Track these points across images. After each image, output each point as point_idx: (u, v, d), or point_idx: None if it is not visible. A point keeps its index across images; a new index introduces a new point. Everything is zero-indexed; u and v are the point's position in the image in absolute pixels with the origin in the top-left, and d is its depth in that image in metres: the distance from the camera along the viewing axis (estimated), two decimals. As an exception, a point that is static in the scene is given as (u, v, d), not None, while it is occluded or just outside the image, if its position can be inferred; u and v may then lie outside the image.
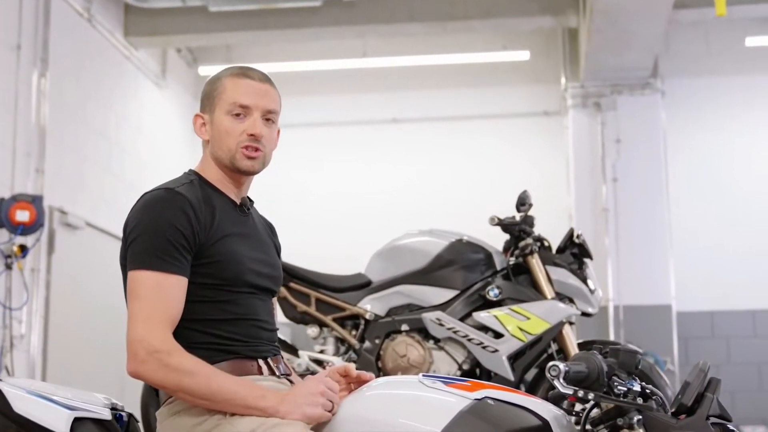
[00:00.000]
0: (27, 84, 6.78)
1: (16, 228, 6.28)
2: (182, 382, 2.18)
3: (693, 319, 8.67)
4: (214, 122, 2.46)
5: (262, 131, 2.44)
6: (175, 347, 2.20)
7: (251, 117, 2.44)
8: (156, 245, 2.26)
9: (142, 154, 8.61)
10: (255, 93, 2.45)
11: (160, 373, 2.19)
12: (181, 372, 2.18)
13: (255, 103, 2.44)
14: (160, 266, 2.25)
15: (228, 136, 2.43)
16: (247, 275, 2.39)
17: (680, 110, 9.04)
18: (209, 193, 2.43)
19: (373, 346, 4.53)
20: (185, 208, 2.31)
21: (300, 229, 8.99)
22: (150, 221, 2.30)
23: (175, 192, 2.35)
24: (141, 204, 2.35)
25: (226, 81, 2.47)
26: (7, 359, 6.26)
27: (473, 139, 9.67)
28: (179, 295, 2.27)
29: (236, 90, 2.44)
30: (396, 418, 2.28)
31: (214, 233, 2.35)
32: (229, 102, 2.43)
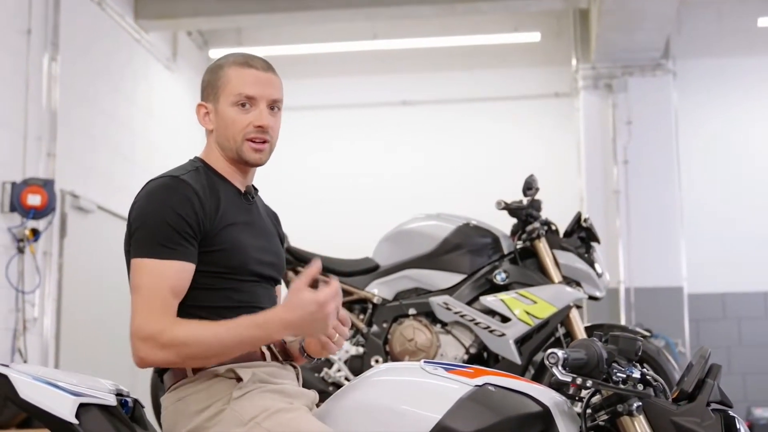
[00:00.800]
0: (38, 68, 6.80)
1: (28, 212, 6.31)
2: (183, 353, 2.21)
3: (704, 301, 8.67)
4: (219, 112, 2.45)
5: (269, 122, 2.44)
6: (166, 325, 2.21)
7: (257, 108, 2.43)
8: (159, 233, 2.27)
9: (152, 137, 8.63)
10: (260, 83, 2.44)
11: (161, 354, 2.22)
12: (177, 345, 2.20)
13: (261, 94, 2.43)
14: (162, 254, 2.26)
15: (234, 127, 2.42)
16: (251, 264, 2.40)
17: (692, 91, 9.00)
18: (214, 181, 2.43)
19: (380, 330, 4.55)
20: (189, 196, 2.32)
21: (308, 212, 9.02)
22: (154, 209, 2.30)
23: (180, 179, 2.35)
24: (145, 192, 2.36)
25: (229, 70, 2.45)
26: (20, 342, 6.31)
27: (484, 121, 9.66)
28: (181, 280, 2.28)
29: (241, 80, 2.43)
30: (397, 405, 2.30)
31: (219, 221, 2.36)
32: (235, 92, 2.42)
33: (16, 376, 2.28)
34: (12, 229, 6.35)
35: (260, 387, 2.29)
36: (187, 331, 2.21)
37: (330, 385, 4.41)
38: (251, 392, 2.27)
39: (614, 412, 2.29)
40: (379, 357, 4.49)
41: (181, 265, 2.28)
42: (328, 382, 4.44)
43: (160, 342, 2.20)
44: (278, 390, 2.32)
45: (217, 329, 2.22)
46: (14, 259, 6.34)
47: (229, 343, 2.21)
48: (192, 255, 2.30)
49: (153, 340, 2.21)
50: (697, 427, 2.25)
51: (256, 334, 2.22)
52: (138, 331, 2.23)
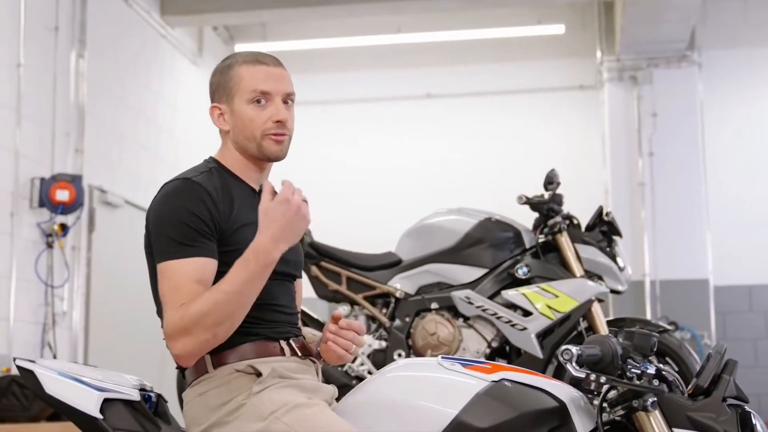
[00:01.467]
0: (65, 65, 6.88)
1: (56, 207, 6.39)
2: (207, 324, 2.23)
3: (730, 293, 8.62)
4: (235, 112, 2.47)
5: (286, 115, 2.46)
6: (183, 309, 2.24)
7: (273, 103, 2.45)
8: (177, 234, 2.31)
9: (178, 132, 8.70)
10: (273, 78, 2.47)
11: (191, 339, 2.24)
12: (197, 319, 2.23)
13: (275, 89, 2.46)
14: (182, 253, 2.30)
15: (253, 125, 2.44)
16: None
17: (718, 83, 8.94)
18: (228, 182, 2.46)
19: (403, 324, 4.59)
20: (202, 197, 2.35)
21: (331, 206, 9.04)
22: (169, 212, 2.34)
23: (192, 181, 2.38)
24: (160, 196, 2.40)
25: (240, 69, 2.48)
26: (50, 336, 6.40)
27: (508, 114, 9.65)
28: (204, 273, 2.30)
29: (254, 77, 2.45)
30: (415, 400, 2.33)
31: (233, 222, 2.39)
32: (249, 90, 2.44)
33: (42, 371, 2.33)
34: (41, 224, 6.43)
35: (279, 382, 2.33)
36: (199, 302, 2.24)
37: (353, 378, 4.45)
38: (271, 387, 2.31)
39: (630, 408, 2.30)
40: (402, 351, 4.52)
41: (203, 261, 2.31)
42: (351, 375, 4.48)
43: (183, 328, 2.24)
44: (297, 385, 2.35)
45: (221, 285, 2.25)
46: (43, 254, 6.42)
47: (239, 287, 2.24)
48: (212, 251, 2.33)
49: (178, 330, 2.25)
50: (713, 423, 2.26)
51: (254, 265, 2.25)
52: (167, 331, 2.28)
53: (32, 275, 6.32)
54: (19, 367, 2.34)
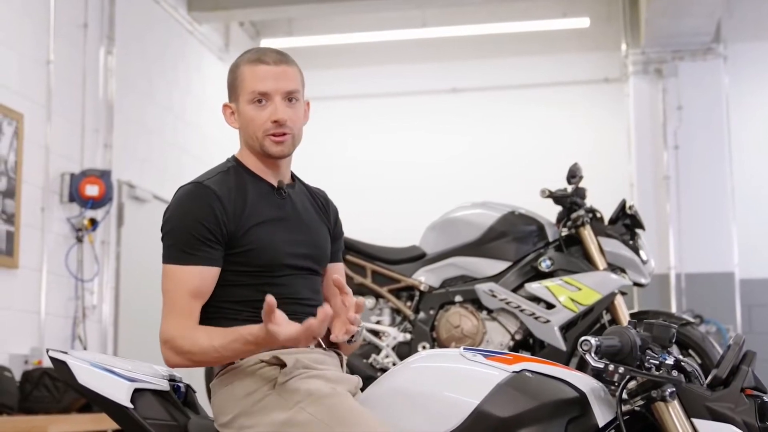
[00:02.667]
0: (94, 61, 6.97)
1: (86, 202, 6.48)
2: (191, 359, 2.39)
3: (756, 287, 8.59)
4: (240, 111, 2.53)
5: (285, 114, 2.49)
6: (179, 332, 2.38)
7: (272, 102, 2.49)
8: (180, 240, 2.40)
9: (206, 127, 8.77)
10: (271, 77, 2.49)
11: (177, 359, 2.40)
12: (186, 352, 2.37)
13: (274, 88, 2.49)
14: (182, 260, 2.40)
15: (253, 125, 2.50)
16: (283, 258, 2.48)
17: (743, 76, 8.90)
18: (244, 180, 2.51)
19: (427, 316, 4.62)
20: (211, 202, 2.41)
21: (356, 200, 9.04)
22: (177, 217, 2.43)
23: (203, 186, 2.45)
24: (173, 200, 2.48)
25: (244, 69, 2.53)
26: (80, 329, 6.49)
27: (533, 107, 9.66)
28: (203, 283, 2.41)
29: (253, 78, 2.49)
30: (437, 390, 2.37)
31: (245, 222, 2.44)
32: (249, 91, 2.49)
33: (74, 362, 2.39)
34: (71, 219, 6.53)
35: (304, 372, 2.38)
36: (193, 341, 2.37)
37: (378, 370, 4.49)
38: (295, 377, 2.36)
39: (649, 398, 2.33)
40: (426, 343, 4.56)
41: (202, 270, 2.40)
42: (376, 368, 4.53)
43: (173, 347, 2.39)
44: (321, 375, 2.40)
45: (216, 343, 2.35)
46: (73, 249, 6.52)
47: (227, 354, 2.37)
48: (213, 259, 2.41)
49: (169, 345, 2.39)
50: (731, 413, 2.29)
51: (248, 348, 2.35)
52: (161, 335, 2.42)
53: (62, 269, 6.42)
54: (52, 358, 2.40)
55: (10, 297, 5.91)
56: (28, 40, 6.21)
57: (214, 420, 2.44)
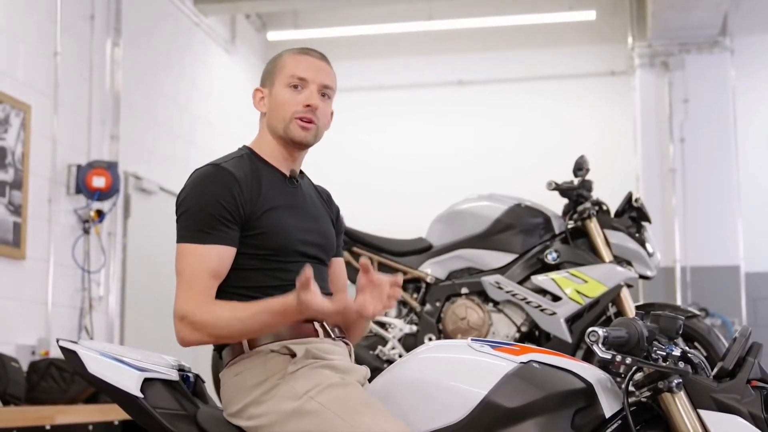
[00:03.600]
0: (101, 53, 6.99)
1: (93, 194, 6.50)
2: (212, 333, 2.36)
3: (762, 280, 8.60)
4: (273, 94, 2.58)
5: (318, 103, 2.55)
6: (199, 307, 2.36)
7: (308, 89, 2.55)
8: (198, 219, 2.41)
9: (212, 119, 8.79)
10: (313, 67, 2.58)
11: (196, 335, 2.37)
12: (206, 327, 2.35)
13: (312, 77, 2.56)
14: (201, 239, 2.40)
15: (285, 106, 2.54)
16: (295, 245, 2.50)
17: (750, 69, 8.90)
18: (258, 167, 2.54)
19: (433, 308, 4.63)
20: (229, 183, 2.44)
21: (362, 192, 9.10)
22: (195, 197, 2.44)
23: (221, 167, 2.47)
24: (189, 181, 2.49)
25: (286, 57, 2.61)
26: (87, 320, 6.52)
27: (539, 100, 9.66)
28: (221, 263, 2.41)
29: (296, 64, 2.58)
30: (445, 380, 2.39)
31: (260, 206, 2.47)
32: (288, 75, 2.56)
33: (85, 352, 2.40)
34: (78, 210, 6.55)
35: (313, 362, 2.39)
36: (215, 314, 2.35)
37: (384, 362, 4.49)
38: (305, 367, 2.38)
39: (655, 389, 2.34)
40: (433, 335, 4.57)
41: (221, 249, 2.41)
42: (383, 359, 4.53)
43: (192, 322, 2.36)
44: (331, 365, 2.41)
45: (241, 314, 2.35)
46: (80, 240, 6.54)
47: (253, 327, 2.36)
48: (231, 239, 2.42)
49: (187, 320, 2.36)
50: (737, 404, 2.30)
51: (277, 321, 2.35)
52: (177, 312, 2.39)
53: (69, 260, 6.44)
54: (62, 348, 2.41)
55: (18, 288, 5.93)
56: (35, 31, 6.22)
57: (224, 409, 2.46)
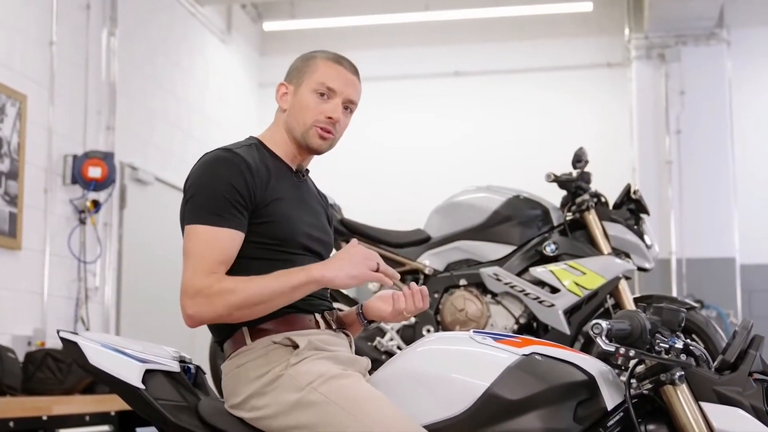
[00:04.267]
0: (97, 43, 6.96)
1: (89, 184, 6.49)
2: (229, 302, 2.30)
3: (757, 272, 8.62)
4: (298, 95, 2.57)
5: (339, 116, 2.56)
6: (214, 279, 2.32)
7: (334, 101, 2.55)
8: (211, 202, 2.38)
9: (208, 109, 8.77)
10: (344, 80, 2.58)
11: (209, 308, 2.32)
12: (223, 295, 2.30)
13: (341, 90, 2.56)
14: (213, 221, 2.37)
15: (307, 112, 2.54)
16: (300, 236, 2.50)
17: (746, 61, 8.90)
18: (266, 158, 2.54)
19: (431, 300, 4.62)
20: (241, 167, 2.42)
21: (360, 183, 9.09)
22: (206, 179, 2.42)
23: (233, 152, 2.46)
24: (200, 163, 2.47)
25: (320, 62, 2.59)
26: (83, 311, 6.51)
27: (535, 91, 9.65)
28: (230, 246, 2.38)
29: (328, 72, 2.57)
30: (448, 372, 2.39)
31: (269, 194, 2.46)
32: (318, 81, 2.55)
33: (86, 343, 2.39)
34: (74, 200, 6.53)
35: (315, 354, 2.39)
36: (233, 281, 2.33)
37: (383, 353, 4.50)
38: (307, 359, 2.37)
39: (657, 381, 2.35)
40: (431, 327, 4.57)
41: (231, 233, 2.38)
42: (381, 350, 4.54)
43: (207, 295, 2.31)
44: (333, 357, 2.41)
45: (261, 277, 2.34)
46: (76, 230, 6.53)
47: (273, 287, 2.32)
48: (241, 224, 2.40)
49: (201, 294, 2.31)
50: (739, 396, 2.30)
51: (297, 275, 2.34)
52: (187, 288, 2.34)
53: (65, 251, 6.43)
54: (63, 339, 2.40)
55: (14, 278, 5.92)
56: (31, 21, 6.20)
57: (225, 401, 2.46)
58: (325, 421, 2.28)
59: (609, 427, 2.36)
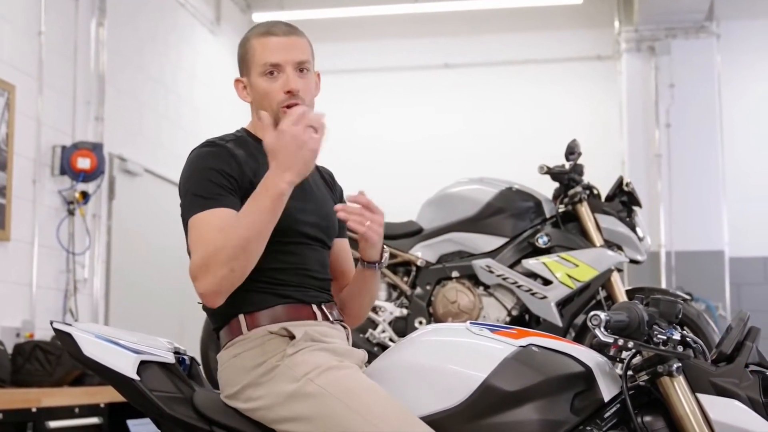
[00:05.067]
0: (86, 33, 6.91)
1: (77, 175, 6.44)
2: (222, 259, 2.26)
3: (746, 265, 8.64)
4: (252, 85, 2.54)
5: (297, 85, 2.49)
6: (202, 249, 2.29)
7: (284, 73, 2.49)
8: (201, 191, 2.37)
9: (197, 100, 8.73)
10: (282, 49, 2.50)
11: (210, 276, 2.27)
12: (213, 255, 2.27)
13: (284, 59, 2.50)
14: (205, 205, 2.36)
15: (267, 97, 2.50)
16: (295, 225, 2.47)
17: (736, 54, 8.91)
18: (256, 148, 2.51)
19: (424, 292, 4.62)
20: (227, 157, 2.42)
21: (350, 175, 8.97)
22: (195, 172, 2.41)
23: (218, 144, 2.46)
24: (187, 161, 2.47)
25: (254, 42, 2.54)
26: (71, 303, 6.47)
27: (525, 84, 9.64)
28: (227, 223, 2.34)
29: (264, 50, 2.50)
30: (444, 364, 2.38)
31: (258, 183, 2.42)
32: (260, 63, 2.50)
33: (80, 334, 2.37)
34: (62, 191, 6.49)
35: (312, 345, 2.38)
36: (214, 240, 2.29)
37: (374, 345, 4.50)
38: (304, 350, 2.36)
39: (654, 373, 2.34)
40: (423, 318, 4.57)
41: (227, 212, 2.36)
42: (373, 342, 4.53)
43: (203, 266, 2.28)
44: (329, 348, 2.40)
45: (235, 221, 2.30)
46: (65, 222, 6.49)
47: (251, 221, 2.28)
48: (235, 204, 2.38)
49: (198, 270, 2.29)
50: (736, 388, 2.30)
51: (263, 197, 2.29)
52: (191, 272, 2.32)
53: (54, 242, 6.39)
54: (57, 330, 2.38)
55: (2, 270, 5.88)
56: (20, 11, 6.15)
57: (221, 392, 2.44)
58: (321, 413, 2.27)
59: (605, 419, 2.35)
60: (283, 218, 2.43)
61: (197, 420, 2.38)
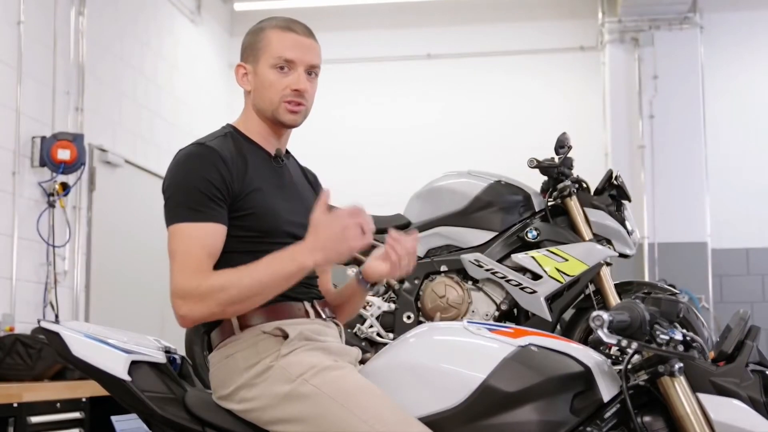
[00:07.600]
0: (65, 22, 6.81)
1: (57, 166, 6.35)
2: (221, 300, 2.24)
3: (728, 257, 8.66)
4: (258, 74, 2.50)
5: (306, 86, 2.49)
6: (202, 277, 2.25)
7: (295, 71, 2.48)
8: (188, 198, 2.32)
9: (178, 91, 8.63)
10: (300, 47, 2.49)
11: (201, 307, 2.25)
12: (214, 293, 2.23)
13: (300, 58, 2.48)
14: (192, 217, 2.31)
15: (271, 89, 2.47)
16: (283, 226, 2.44)
17: (719, 45, 8.90)
18: (243, 146, 2.47)
19: (412, 286, 4.58)
20: (215, 161, 2.36)
21: (333, 166, 8.96)
22: (181, 177, 2.36)
23: (206, 146, 2.40)
24: (174, 162, 2.41)
25: (271, 33, 2.51)
26: (51, 295, 6.39)
27: (509, 75, 9.60)
28: (214, 240, 2.32)
29: (281, 43, 2.48)
30: (443, 364, 2.35)
31: (247, 185, 2.40)
32: (274, 55, 2.47)
33: (68, 333, 2.33)
34: (42, 183, 6.40)
35: (306, 344, 2.34)
36: (222, 277, 2.26)
37: (362, 340, 4.45)
38: (298, 350, 2.32)
39: (655, 373, 2.33)
40: (411, 313, 4.53)
41: (213, 227, 2.32)
42: (360, 337, 4.49)
43: (197, 295, 2.24)
44: (323, 348, 2.37)
45: (250, 269, 2.26)
46: (45, 214, 6.40)
47: (264, 279, 2.25)
48: (222, 217, 2.34)
49: (191, 295, 2.25)
50: (737, 388, 2.29)
51: (285, 264, 2.25)
52: (177, 290, 2.27)
53: (34, 234, 6.30)
54: (44, 329, 2.34)
55: (-19, 263, 5.80)
56: (-1, -1, 6.05)
57: (213, 392, 2.40)
58: (317, 414, 2.24)
59: (605, 419, 2.34)
60: (271, 218, 2.41)
61: (189, 421, 2.34)
